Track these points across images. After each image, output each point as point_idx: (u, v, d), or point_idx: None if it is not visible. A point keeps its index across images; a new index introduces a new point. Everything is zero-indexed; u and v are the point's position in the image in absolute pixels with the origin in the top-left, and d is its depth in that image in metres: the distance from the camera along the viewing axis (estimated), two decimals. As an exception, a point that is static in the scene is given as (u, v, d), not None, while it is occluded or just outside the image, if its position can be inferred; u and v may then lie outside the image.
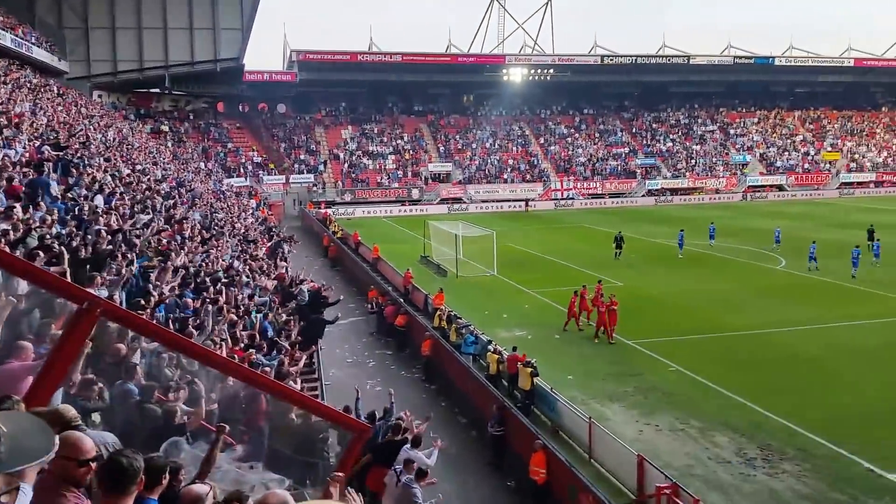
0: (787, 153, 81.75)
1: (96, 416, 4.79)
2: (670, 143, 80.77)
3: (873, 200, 69.37)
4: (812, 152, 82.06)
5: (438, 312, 24.32)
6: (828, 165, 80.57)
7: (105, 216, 13.76)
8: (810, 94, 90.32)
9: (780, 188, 76.30)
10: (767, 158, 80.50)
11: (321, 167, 69.77)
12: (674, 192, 73.35)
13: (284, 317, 16.84)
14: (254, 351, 11.61)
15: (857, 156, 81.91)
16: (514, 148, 76.91)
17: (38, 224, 10.77)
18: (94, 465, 3.23)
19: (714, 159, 79.23)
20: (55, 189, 14.30)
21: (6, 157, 14.36)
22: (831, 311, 26.79)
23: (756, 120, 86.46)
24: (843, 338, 23.53)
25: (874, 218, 47.19)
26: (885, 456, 14.74)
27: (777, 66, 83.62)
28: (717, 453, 15.26)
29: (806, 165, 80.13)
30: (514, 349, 19.54)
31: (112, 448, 3.66)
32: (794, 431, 16.14)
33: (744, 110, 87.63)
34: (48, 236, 10.60)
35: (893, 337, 23.61)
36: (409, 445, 11.66)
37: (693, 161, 78.43)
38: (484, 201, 68.19)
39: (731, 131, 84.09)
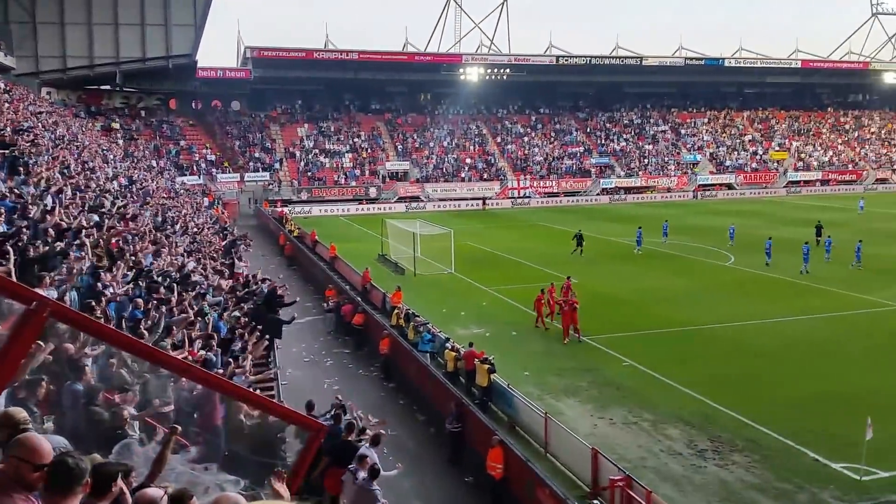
0: (736, 152, 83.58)
1: (49, 425, 4.71)
2: (624, 143, 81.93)
3: (820, 198, 71.35)
4: (760, 151, 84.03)
5: (396, 311, 24.31)
6: (776, 164, 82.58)
7: (53, 215, 13.44)
8: (759, 95, 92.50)
9: (730, 187, 77.95)
10: (717, 158, 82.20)
11: (277, 165, 69.02)
12: (627, 190, 74.36)
13: (238, 315, 16.62)
14: (204, 352, 11.44)
15: (803, 155, 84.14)
16: (472, 147, 77.11)
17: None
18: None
19: (666, 158, 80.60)
20: (1, 187, 13.93)
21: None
22: (781, 305, 27.50)
23: (706, 120, 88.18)
24: (791, 332, 24.16)
25: (821, 215, 48.62)
26: (831, 446, 15.24)
27: (726, 68, 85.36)
28: (669, 446, 15.59)
29: (754, 164, 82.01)
30: (471, 345, 19.64)
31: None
32: (743, 424, 16.56)
33: (694, 110, 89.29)
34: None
35: (840, 330, 24.43)
36: (367, 444, 11.66)
37: (646, 160, 79.70)
38: (441, 200, 68.22)
39: (682, 131, 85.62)
